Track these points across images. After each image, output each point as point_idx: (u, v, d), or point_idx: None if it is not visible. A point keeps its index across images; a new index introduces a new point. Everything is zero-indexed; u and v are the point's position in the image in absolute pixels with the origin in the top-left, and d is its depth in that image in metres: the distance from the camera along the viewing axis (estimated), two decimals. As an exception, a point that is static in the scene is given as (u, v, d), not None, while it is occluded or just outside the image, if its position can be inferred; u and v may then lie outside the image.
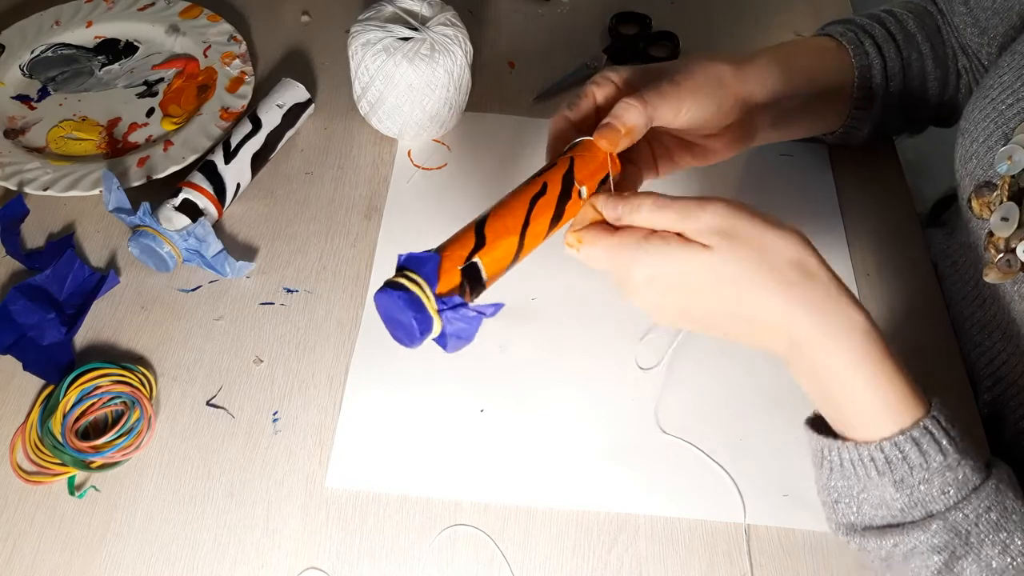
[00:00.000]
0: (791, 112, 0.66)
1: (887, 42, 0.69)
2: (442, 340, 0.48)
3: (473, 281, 0.48)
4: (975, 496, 0.46)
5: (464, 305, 0.47)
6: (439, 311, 0.46)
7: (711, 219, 0.47)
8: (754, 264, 0.47)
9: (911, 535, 0.47)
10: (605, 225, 0.51)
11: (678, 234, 0.48)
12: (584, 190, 0.52)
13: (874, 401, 0.47)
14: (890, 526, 0.48)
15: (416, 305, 0.45)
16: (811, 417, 0.51)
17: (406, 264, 0.47)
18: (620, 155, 0.55)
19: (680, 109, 0.56)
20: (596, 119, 0.56)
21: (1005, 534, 0.46)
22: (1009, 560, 0.45)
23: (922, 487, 0.46)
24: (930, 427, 0.46)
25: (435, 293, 0.46)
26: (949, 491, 0.46)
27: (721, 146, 0.62)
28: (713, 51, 0.61)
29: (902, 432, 0.46)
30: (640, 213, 0.49)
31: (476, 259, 0.48)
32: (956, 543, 0.46)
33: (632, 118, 0.53)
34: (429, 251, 0.47)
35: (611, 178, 0.54)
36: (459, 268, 0.47)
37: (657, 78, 0.57)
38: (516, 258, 0.51)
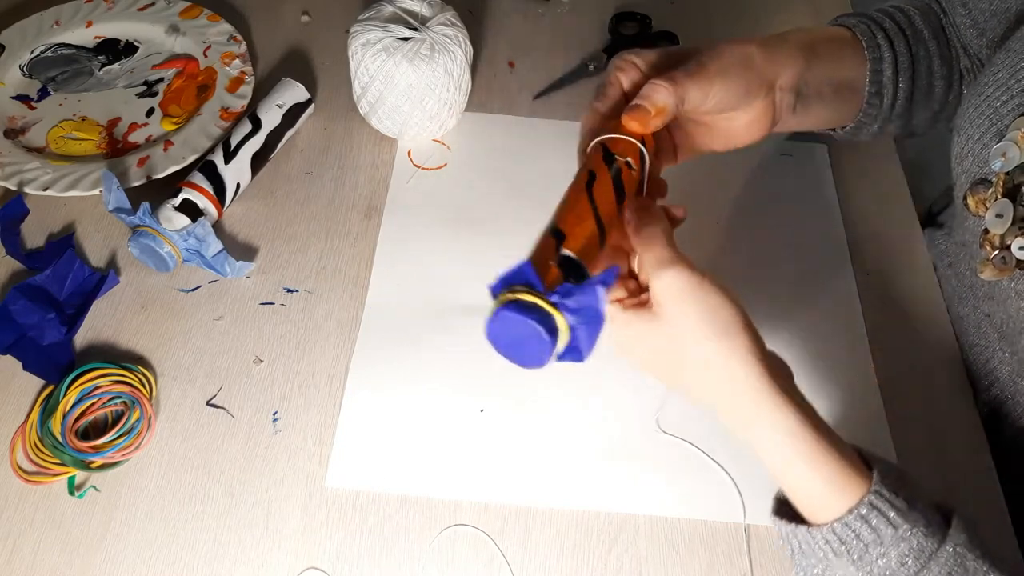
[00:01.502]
0: (811, 99, 0.64)
1: (898, 36, 0.68)
2: (574, 346, 0.44)
3: (573, 271, 0.45)
4: (934, 563, 0.45)
5: (576, 286, 0.43)
6: (555, 305, 0.42)
7: (665, 284, 0.48)
8: (682, 345, 0.48)
9: None
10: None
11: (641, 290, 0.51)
12: (631, 161, 0.51)
13: (814, 490, 0.46)
14: None
15: (531, 308, 0.42)
16: (776, 497, 0.50)
17: (501, 287, 0.43)
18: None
19: (709, 91, 0.55)
20: (625, 106, 0.55)
21: None
22: None
23: (880, 562, 0.45)
24: (875, 502, 0.45)
25: (543, 290, 0.42)
26: (907, 561, 0.45)
27: (743, 130, 0.61)
28: (736, 38, 0.60)
29: (850, 511, 0.45)
30: (635, 236, 0.50)
31: (565, 251, 0.45)
32: None
33: (662, 98, 0.52)
34: (517, 264, 0.44)
35: (647, 155, 0.52)
36: (553, 264, 0.45)
37: (682, 60, 0.56)
38: (603, 238, 0.48)
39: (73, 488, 0.58)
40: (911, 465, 0.61)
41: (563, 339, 0.43)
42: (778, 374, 0.48)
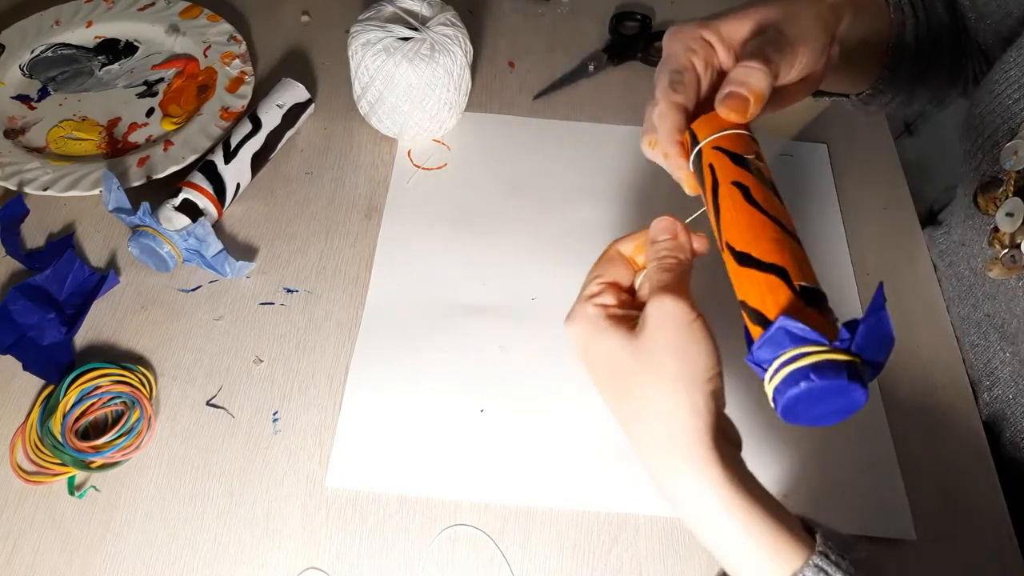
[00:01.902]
0: (847, 54, 0.59)
1: (918, 5, 0.66)
2: (871, 372, 0.39)
3: (817, 301, 0.40)
4: None
5: (857, 320, 0.38)
6: (848, 350, 0.37)
7: (657, 307, 0.45)
8: (641, 376, 0.44)
9: None
10: (614, 263, 0.50)
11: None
12: (760, 155, 0.47)
13: (747, 552, 0.43)
14: None
15: (833, 369, 0.37)
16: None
17: (771, 354, 0.39)
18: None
19: (795, 62, 0.51)
20: (704, 92, 0.52)
21: None
22: None
23: None
24: (820, 563, 0.42)
25: (827, 343, 0.37)
26: None
27: (797, 89, 0.56)
28: None
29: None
30: (653, 255, 0.49)
31: (796, 283, 0.40)
32: None
33: (760, 83, 0.47)
34: (771, 326, 0.39)
35: (758, 146, 0.47)
36: (801, 304, 0.39)
37: (745, 23, 0.52)
38: (798, 242, 0.43)
39: (73, 488, 0.58)
40: (911, 465, 0.62)
41: (866, 380, 0.38)
42: (724, 438, 0.45)
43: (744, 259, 0.42)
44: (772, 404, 0.40)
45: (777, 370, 0.38)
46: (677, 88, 0.50)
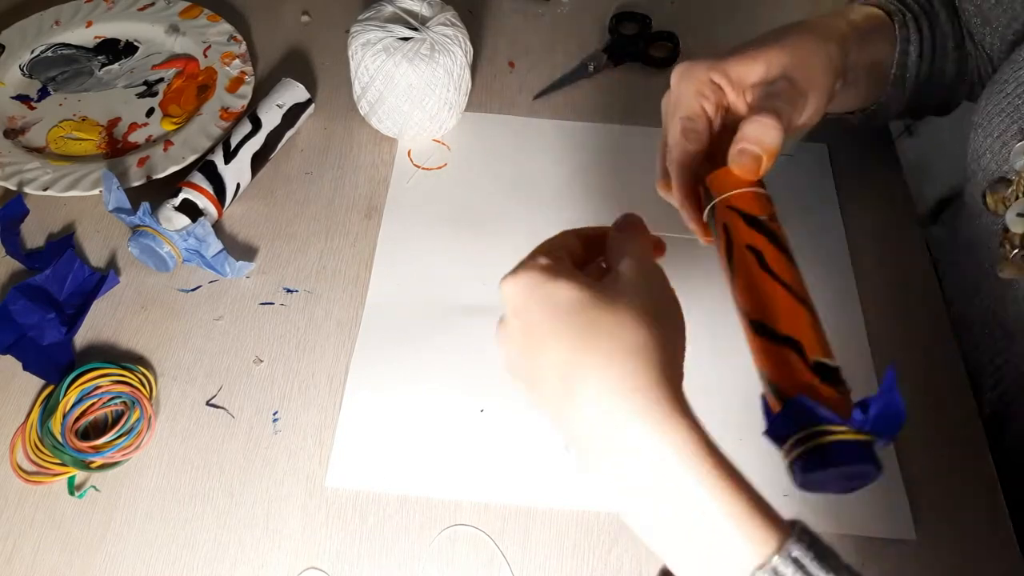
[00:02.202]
0: (848, 84, 0.61)
1: (921, 17, 0.67)
2: (883, 443, 0.39)
3: (831, 376, 0.41)
4: None
5: (870, 399, 0.38)
6: (862, 430, 0.38)
7: (628, 262, 0.43)
8: (607, 304, 0.40)
9: None
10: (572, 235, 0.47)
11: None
12: (776, 215, 0.47)
13: (725, 532, 0.37)
14: None
15: (853, 452, 0.38)
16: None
17: (788, 430, 0.40)
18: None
19: (804, 111, 0.52)
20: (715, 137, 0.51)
21: None
22: None
23: None
24: (796, 554, 0.36)
25: (843, 422, 0.38)
26: None
27: (800, 128, 0.56)
28: (804, 29, 0.55)
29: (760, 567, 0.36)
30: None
31: (811, 358, 0.41)
32: None
33: (772, 139, 0.47)
34: (789, 402, 0.40)
35: (772, 205, 0.47)
36: (816, 380, 0.40)
37: (763, 71, 0.52)
38: (813, 311, 0.44)
39: (73, 488, 0.58)
40: (912, 466, 0.61)
41: (881, 444, 0.39)
42: (678, 390, 0.41)
43: (759, 328, 0.43)
44: (789, 476, 0.40)
45: (794, 446, 0.39)
46: (690, 136, 0.51)
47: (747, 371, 0.65)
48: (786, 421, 0.39)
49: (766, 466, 0.61)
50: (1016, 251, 0.57)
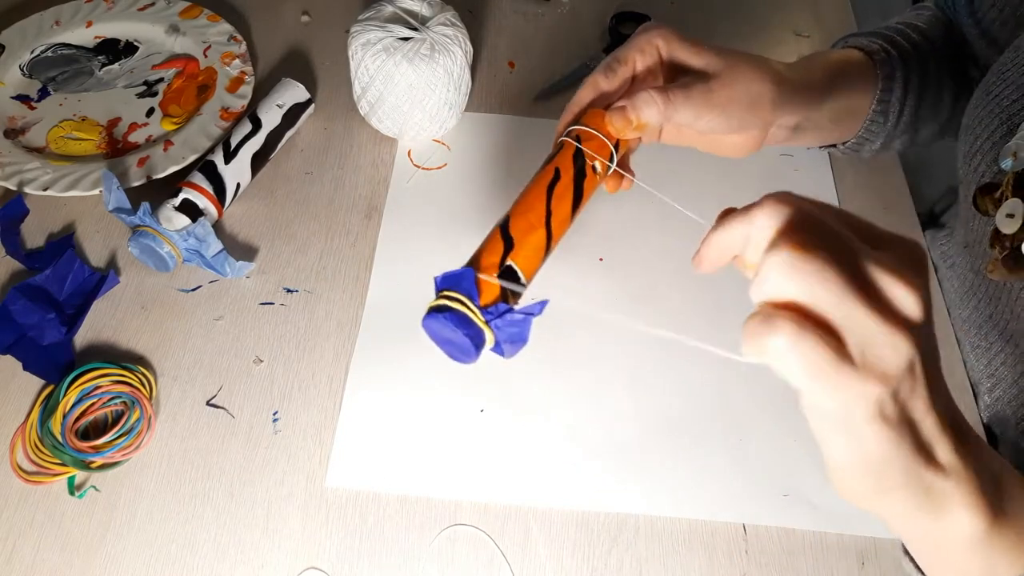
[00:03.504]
0: (808, 131, 0.65)
1: (909, 53, 0.68)
2: (498, 349, 0.47)
3: (513, 279, 0.48)
4: None
5: (510, 310, 0.46)
6: (488, 322, 0.46)
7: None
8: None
9: None
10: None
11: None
12: (597, 165, 0.52)
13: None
14: None
15: (465, 322, 0.45)
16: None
17: (444, 285, 0.47)
18: None
19: (702, 118, 0.54)
20: (625, 89, 0.55)
21: None
22: None
23: None
24: None
25: (479, 306, 0.46)
26: None
27: (727, 146, 0.61)
28: (764, 61, 0.58)
29: None
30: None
31: (510, 262, 0.48)
32: None
33: (648, 115, 0.52)
34: (463, 267, 0.47)
35: (615, 159, 0.53)
36: (496, 276, 0.47)
37: (700, 65, 0.55)
38: (548, 249, 0.50)
39: (73, 488, 0.58)
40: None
41: (489, 344, 0.47)
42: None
43: (506, 219, 0.50)
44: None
45: (437, 296, 0.47)
46: (608, 74, 0.55)
47: (747, 374, 0.66)
48: (447, 279, 0.46)
49: (767, 466, 0.61)
50: (1006, 253, 0.57)
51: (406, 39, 0.72)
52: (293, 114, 0.76)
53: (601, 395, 0.64)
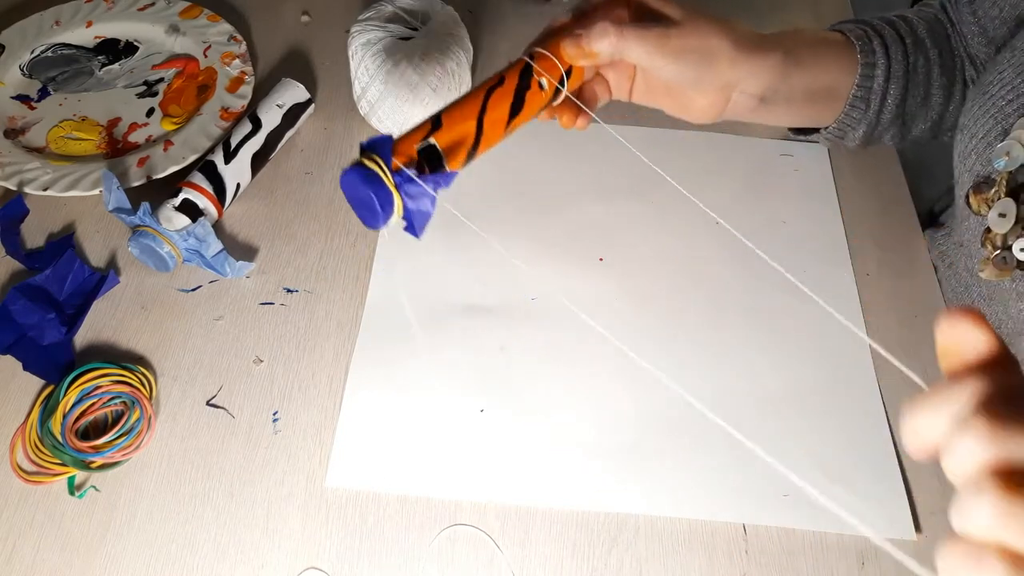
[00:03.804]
0: (778, 104, 0.65)
1: (896, 44, 0.68)
2: (408, 220, 0.49)
3: (431, 161, 0.50)
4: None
5: (421, 176, 0.48)
6: (397, 185, 0.47)
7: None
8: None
9: None
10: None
11: None
12: (544, 82, 0.54)
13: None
14: None
15: (374, 180, 0.47)
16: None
17: (366, 148, 0.49)
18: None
19: (655, 60, 0.56)
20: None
21: None
22: None
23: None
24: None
25: (390, 168, 0.48)
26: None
27: (693, 109, 0.63)
28: (727, 21, 0.61)
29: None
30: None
31: (432, 140, 0.50)
32: None
33: (600, 46, 0.54)
34: (385, 135, 0.49)
35: (565, 82, 0.55)
36: (416, 148, 0.49)
37: (663, 15, 0.58)
38: (477, 143, 0.52)
39: (73, 488, 0.58)
40: (911, 467, 0.62)
41: (397, 214, 0.48)
42: None
43: (444, 110, 0.52)
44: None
45: (360, 154, 0.48)
46: (575, 13, 0.58)
47: (747, 377, 0.66)
48: (370, 143, 0.48)
49: (767, 466, 0.61)
50: (997, 252, 0.57)
51: (406, 39, 0.72)
52: (293, 114, 0.76)
53: (601, 395, 0.64)
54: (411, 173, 0.48)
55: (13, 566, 0.55)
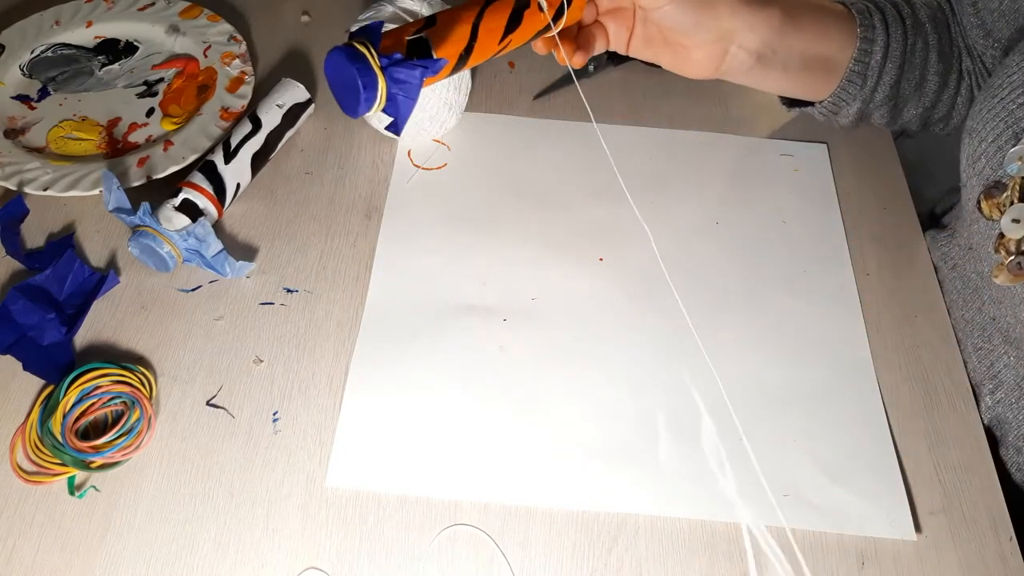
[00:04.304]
0: (774, 66, 0.65)
1: (896, 23, 0.68)
2: (391, 106, 0.48)
3: (420, 54, 0.50)
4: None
5: (406, 60, 0.48)
6: (381, 68, 0.47)
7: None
8: None
9: None
10: None
11: None
12: (544, 4, 0.54)
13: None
14: None
15: (358, 58, 0.46)
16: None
17: (355, 33, 0.48)
18: (602, 9, 0.58)
19: (656, 1, 0.57)
20: None
21: None
22: None
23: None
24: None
25: (378, 51, 0.47)
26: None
27: (690, 62, 0.63)
28: None
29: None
30: None
31: (424, 35, 0.49)
32: None
33: None
34: (375, 23, 0.49)
35: (565, 11, 0.56)
36: (406, 39, 0.49)
37: None
38: (469, 51, 0.52)
39: (73, 488, 0.58)
40: (911, 467, 0.62)
41: (380, 101, 0.48)
42: None
43: (440, 11, 0.52)
44: None
45: (349, 38, 0.48)
46: None
47: (747, 377, 0.66)
48: (361, 29, 0.48)
49: (767, 466, 0.61)
50: (1012, 258, 0.57)
51: (406, 39, 0.72)
52: (293, 114, 0.76)
53: (601, 395, 0.64)
54: (397, 56, 0.47)
55: (13, 566, 0.55)
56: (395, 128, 0.50)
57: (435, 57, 0.51)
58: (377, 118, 0.76)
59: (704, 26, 0.59)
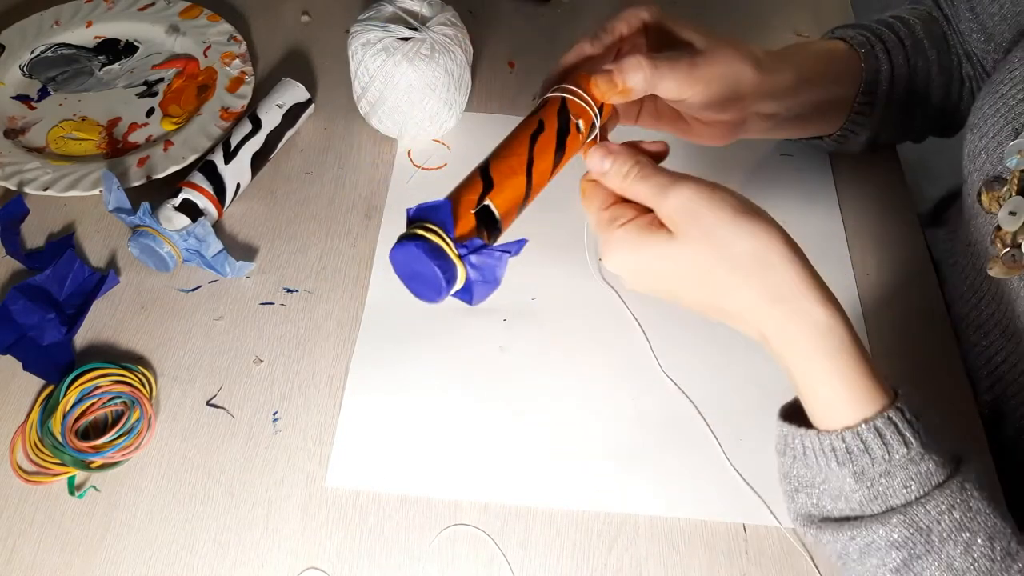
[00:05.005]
0: (787, 121, 0.66)
1: (897, 48, 0.69)
2: (466, 290, 0.46)
3: (489, 224, 0.47)
4: (938, 493, 0.44)
5: (486, 246, 0.45)
6: (461, 256, 0.44)
7: (676, 202, 0.47)
8: (711, 256, 0.47)
9: (869, 528, 0.44)
10: (600, 188, 0.51)
11: (649, 210, 0.49)
12: (581, 124, 0.53)
13: (834, 392, 0.46)
14: (848, 519, 0.46)
15: (437, 253, 0.43)
16: (786, 405, 0.50)
17: (418, 215, 0.45)
18: None
19: (685, 91, 0.55)
20: (610, 56, 0.56)
21: (968, 534, 0.43)
22: (971, 561, 0.43)
23: (883, 480, 0.44)
24: (894, 417, 0.44)
25: (454, 239, 0.44)
26: (911, 485, 0.44)
27: (707, 134, 0.62)
28: (745, 44, 0.60)
29: (865, 421, 0.44)
30: (619, 180, 0.50)
31: (488, 202, 0.47)
32: (916, 539, 0.43)
33: (634, 80, 0.53)
34: (439, 200, 0.46)
35: (598, 122, 0.54)
36: (472, 212, 0.46)
37: (683, 42, 0.57)
38: (527, 196, 0.50)
39: (73, 488, 0.58)
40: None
41: (458, 285, 0.46)
42: (812, 268, 0.48)
43: (487, 162, 0.50)
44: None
45: (410, 225, 0.46)
46: (594, 41, 0.57)
47: (747, 377, 0.66)
48: (421, 210, 0.45)
49: (767, 466, 0.61)
50: (1007, 250, 0.58)
51: (406, 39, 0.72)
52: (293, 114, 0.76)
53: (601, 395, 0.64)
54: (479, 243, 0.44)
55: (13, 566, 0.55)
56: (467, 299, 0.48)
57: (502, 228, 0.48)
58: (377, 118, 0.76)
59: (730, 107, 0.58)
